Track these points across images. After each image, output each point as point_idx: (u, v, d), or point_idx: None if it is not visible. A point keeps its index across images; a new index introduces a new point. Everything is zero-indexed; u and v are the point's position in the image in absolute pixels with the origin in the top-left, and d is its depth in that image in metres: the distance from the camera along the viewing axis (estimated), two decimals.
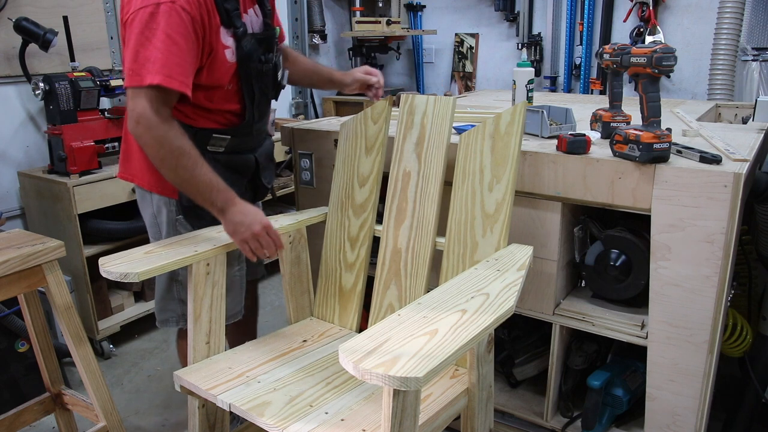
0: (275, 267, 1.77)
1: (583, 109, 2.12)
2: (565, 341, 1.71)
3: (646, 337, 1.49)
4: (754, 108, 1.94)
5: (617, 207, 1.47)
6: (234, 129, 1.53)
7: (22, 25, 2.26)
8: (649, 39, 3.10)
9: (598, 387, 1.61)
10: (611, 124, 1.64)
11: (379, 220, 1.64)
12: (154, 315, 1.67)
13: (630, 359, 1.74)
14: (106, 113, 2.41)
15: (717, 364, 1.45)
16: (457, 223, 1.49)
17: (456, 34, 3.97)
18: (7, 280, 1.39)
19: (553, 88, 3.63)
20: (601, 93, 3.34)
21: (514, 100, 1.95)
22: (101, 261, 1.31)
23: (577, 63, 3.49)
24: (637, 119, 1.51)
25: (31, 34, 2.27)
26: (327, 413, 1.23)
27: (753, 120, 1.95)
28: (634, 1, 3.18)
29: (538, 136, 1.71)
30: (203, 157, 1.37)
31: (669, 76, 3.14)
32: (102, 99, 2.43)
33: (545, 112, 1.71)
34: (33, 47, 2.33)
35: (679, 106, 2.33)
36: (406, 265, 1.56)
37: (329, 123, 2.06)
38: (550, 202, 1.57)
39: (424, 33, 3.98)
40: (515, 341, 1.90)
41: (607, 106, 1.70)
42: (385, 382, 0.87)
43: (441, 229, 1.52)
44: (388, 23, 3.64)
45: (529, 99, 1.94)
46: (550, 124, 1.69)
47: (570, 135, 1.50)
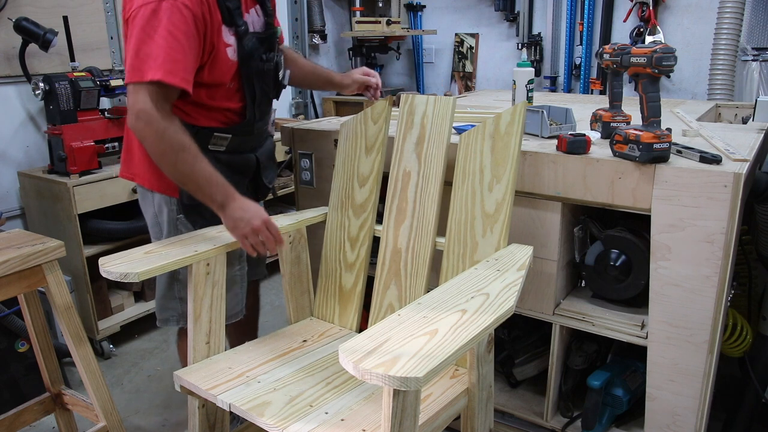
0: (275, 267, 1.77)
1: (583, 109, 2.12)
2: (565, 341, 1.71)
3: (646, 337, 1.49)
4: (754, 108, 1.94)
5: (617, 207, 1.47)
6: (235, 128, 1.53)
7: (22, 25, 2.26)
8: (649, 39, 3.10)
9: (598, 387, 1.61)
10: (611, 124, 1.64)
11: (379, 220, 1.64)
12: (155, 315, 1.67)
13: (630, 359, 1.74)
14: (106, 113, 2.41)
15: (717, 364, 1.45)
16: (457, 223, 1.49)
17: (456, 34, 3.97)
18: (7, 280, 1.39)
19: (553, 88, 3.62)
20: (601, 93, 3.33)
21: (514, 100, 1.95)
22: (101, 261, 1.31)
23: (577, 63, 3.49)
24: (637, 119, 1.51)
25: (31, 34, 2.28)
26: (327, 413, 1.23)
27: (753, 120, 1.95)
28: (634, 1, 3.18)
29: (538, 136, 1.71)
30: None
31: (669, 76, 3.14)
32: (102, 99, 2.43)
33: (545, 112, 1.71)
34: (33, 47, 2.33)
35: (679, 106, 2.33)
36: (406, 265, 1.56)
37: (329, 123, 2.06)
38: (550, 202, 1.57)
39: (424, 33, 3.98)
40: (515, 341, 1.90)
41: (607, 106, 1.70)
42: (385, 382, 0.87)
43: (441, 229, 1.52)
44: (388, 23, 3.63)
45: (529, 99, 1.94)
46: (550, 124, 1.69)
47: (570, 135, 1.50)
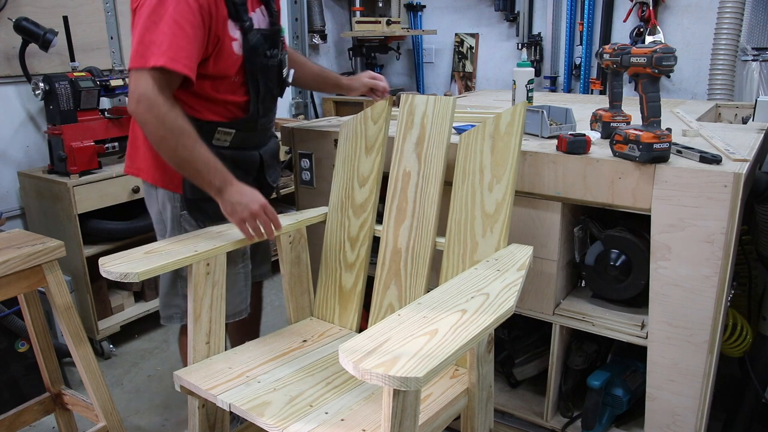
0: (275, 267, 1.77)
1: (583, 109, 2.12)
2: (565, 341, 1.71)
3: (646, 337, 1.49)
4: (754, 108, 1.94)
5: (617, 207, 1.47)
6: (239, 122, 1.54)
7: (22, 25, 2.26)
8: (649, 39, 3.10)
9: (598, 387, 1.61)
10: (611, 124, 1.64)
11: (379, 220, 1.64)
12: (155, 314, 1.68)
13: (630, 359, 1.74)
14: (106, 113, 2.41)
15: (717, 364, 1.45)
16: (457, 223, 1.49)
17: (456, 34, 3.97)
18: (7, 280, 1.39)
19: (553, 88, 3.62)
20: (601, 93, 3.33)
21: (514, 100, 1.95)
22: (101, 261, 1.31)
23: (577, 63, 3.49)
24: (637, 119, 1.51)
25: (31, 34, 2.28)
26: (327, 413, 1.23)
27: (753, 120, 1.95)
28: (634, 1, 3.18)
29: (538, 136, 1.71)
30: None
31: (669, 76, 3.14)
32: (102, 99, 2.43)
33: (545, 112, 1.71)
34: (33, 47, 2.33)
35: (679, 106, 2.32)
36: (406, 265, 1.56)
37: (329, 123, 2.06)
38: (550, 202, 1.56)
39: (424, 33, 3.98)
40: (515, 341, 1.90)
41: (607, 106, 1.70)
42: (385, 382, 0.87)
43: (441, 229, 1.52)
44: (388, 23, 3.63)
45: (529, 99, 1.94)
46: (550, 124, 1.69)
47: (570, 135, 1.50)
